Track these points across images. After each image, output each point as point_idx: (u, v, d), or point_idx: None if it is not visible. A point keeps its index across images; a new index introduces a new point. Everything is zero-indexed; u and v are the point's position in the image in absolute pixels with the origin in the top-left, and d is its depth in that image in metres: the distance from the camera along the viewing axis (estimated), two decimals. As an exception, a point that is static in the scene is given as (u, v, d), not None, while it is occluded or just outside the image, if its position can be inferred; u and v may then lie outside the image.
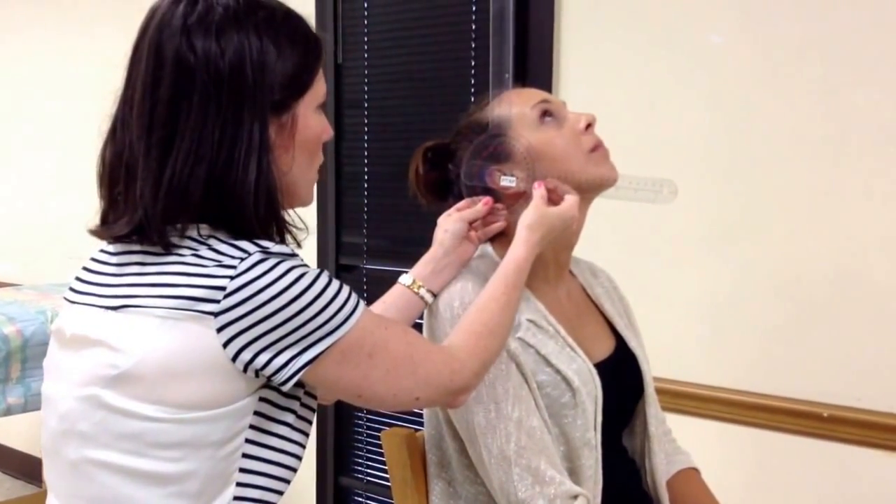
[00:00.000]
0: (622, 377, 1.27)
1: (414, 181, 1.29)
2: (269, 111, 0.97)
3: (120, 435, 0.93)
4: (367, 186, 2.51)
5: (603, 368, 1.21)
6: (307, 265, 0.96)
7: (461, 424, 1.16)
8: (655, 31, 1.88)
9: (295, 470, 1.01)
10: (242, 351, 0.91)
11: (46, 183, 3.41)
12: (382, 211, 2.49)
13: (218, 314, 0.90)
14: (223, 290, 0.90)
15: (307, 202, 1.08)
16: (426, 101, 2.35)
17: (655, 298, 1.84)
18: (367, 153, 2.49)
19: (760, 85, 1.75)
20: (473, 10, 2.19)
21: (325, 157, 2.81)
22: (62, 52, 3.31)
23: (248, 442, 0.96)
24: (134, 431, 0.93)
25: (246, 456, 0.96)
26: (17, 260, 3.57)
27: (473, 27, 2.20)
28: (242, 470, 0.96)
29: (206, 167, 0.94)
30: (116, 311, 0.95)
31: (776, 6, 1.73)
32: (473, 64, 2.21)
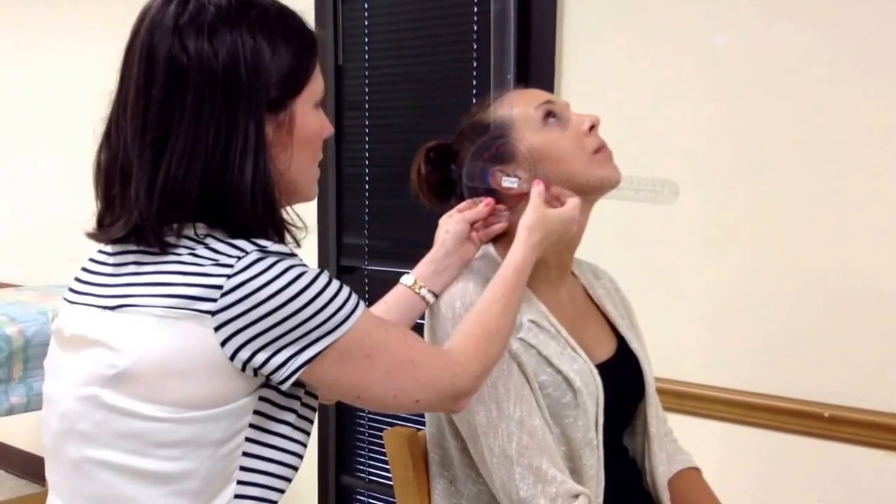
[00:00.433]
0: (623, 378, 1.27)
1: (416, 181, 1.28)
2: (264, 110, 0.96)
3: (120, 434, 0.93)
4: (367, 188, 2.50)
5: (604, 369, 1.21)
6: (306, 264, 0.95)
7: (463, 424, 1.16)
8: (657, 32, 1.88)
9: (296, 468, 1.01)
10: (240, 350, 0.90)
11: (47, 184, 3.41)
12: (383, 212, 2.49)
13: (215, 313, 0.90)
14: (220, 288, 0.90)
15: (310, 198, 1.07)
16: (427, 102, 2.35)
17: (657, 299, 1.84)
18: (367, 155, 2.49)
19: (761, 86, 1.75)
20: (475, 11, 2.19)
21: (325, 159, 2.81)
22: (65, 52, 3.31)
23: (248, 441, 0.95)
24: (134, 431, 0.93)
25: (247, 455, 0.96)
26: (18, 261, 3.57)
27: (475, 28, 2.19)
28: (244, 468, 0.96)
29: (200, 168, 0.93)
30: (114, 310, 0.95)
31: (778, 8, 1.73)
32: (475, 65, 2.21)
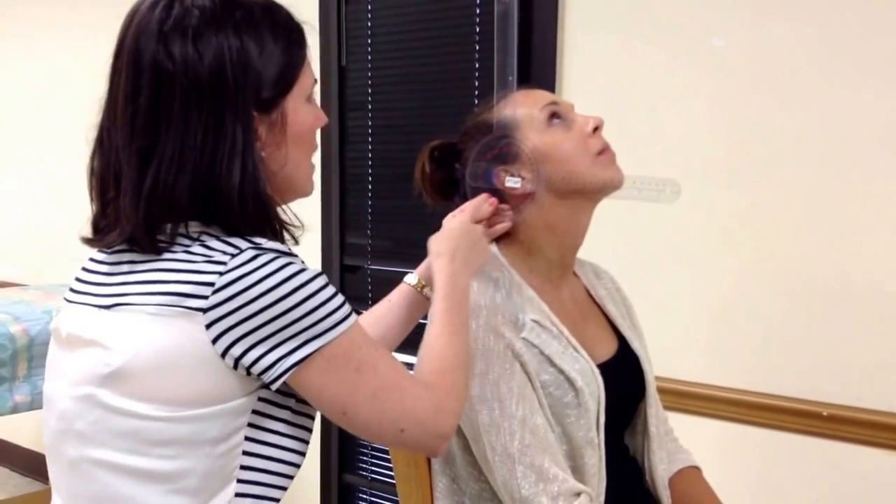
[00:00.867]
0: (624, 377, 1.27)
1: (420, 179, 1.28)
2: (253, 111, 0.95)
3: (116, 433, 0.93)
4: (370, 188, 2.51)
5: (606, 369, 1.21)
6: (303, 263, 0.94)
7: (466, 423, 1.16)
8: (657, 34, 1.88)
9: (298, 466, 1.00)
10: (231, 347, 0.90)
11: (52, 184, 3.42)
12: (386, 212, 2.50)
13: (206, 310, 0.89)
14: (212, 286, 0.89)
15: (307, 193, 1.06)
16: (430, 103, 2.35)
17: (658, 299, 1.85)
18: (370, 155, 2.50)
19: (762, 87, 1.76)
20: (477, 12, 2.19)
21: (329, 159, 2.80)
22: (70, 54, 3.31)
23: (247, 440, 0.95)
24: (130, 429, 0.92)
25: (247, 454, 0.95)
26: (23, 261, 3.56)
27: (477, 30, 2.20)
28: (244, 467, 0.95)
29: (189, 174, 0.92)
30: (109, 309, 0.95)
31: (778, 10, 1.73)
32: (477, 66, 2.21)
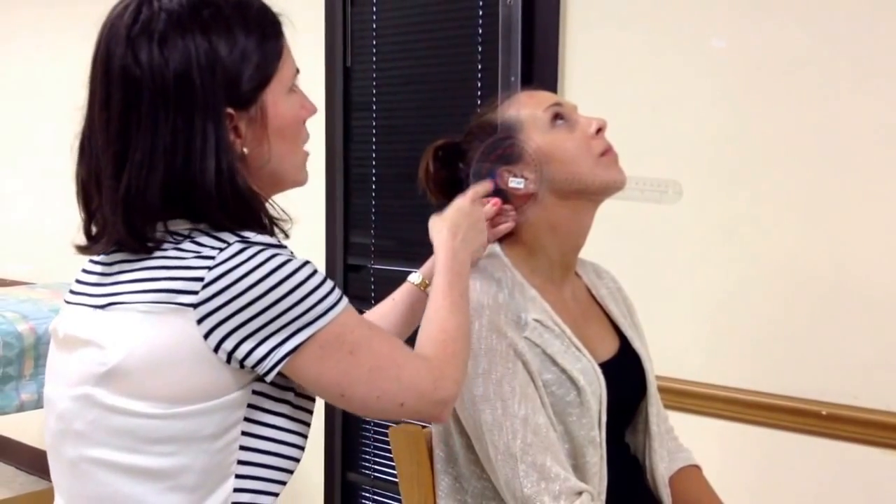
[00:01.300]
0: (626, 376, 1.28)
1: (424, 179, 1.29)
2: (227, 108, 0.94)
3: (114, 432, 0.93)
4: (374, 188, 2.52)
5: (607, 368, 1.21)
6: (291, 254, 0.94)
7: (468, 421, 1.17)
8: (658, 34, 1.89)
9: (297, 460, 1.00)
10: (223, 341, 0.90)
11: (60, 183, 3.42)
12: (390, 212, 2.50)
13: (197, 305, 0.89)
14: (201, 280, 0.89)
15: (300, 182, 1.06)
16: (433, 103, 2.36)
17: (658, 299, 1.85)
18: (374, 155, 2.51)
19: (762, 88, 1.76)
20: (480, 14, 2.20)
21: (333, 159, 2.80)
22: (75, 54, 3.33)
23: (244, 434, 0.95)
24: (127, 428, 0.92)
25: (244, 448, 0.95)
26: (30, 259, 3.56)
27: (480, 31, 2.21)
28: (242, 462, 0.95)
29: (161, 174, 0.92)
30: (104, 309, 0.95)
31: (777, 11, 1.74)
32: (480, 67, 2.22)
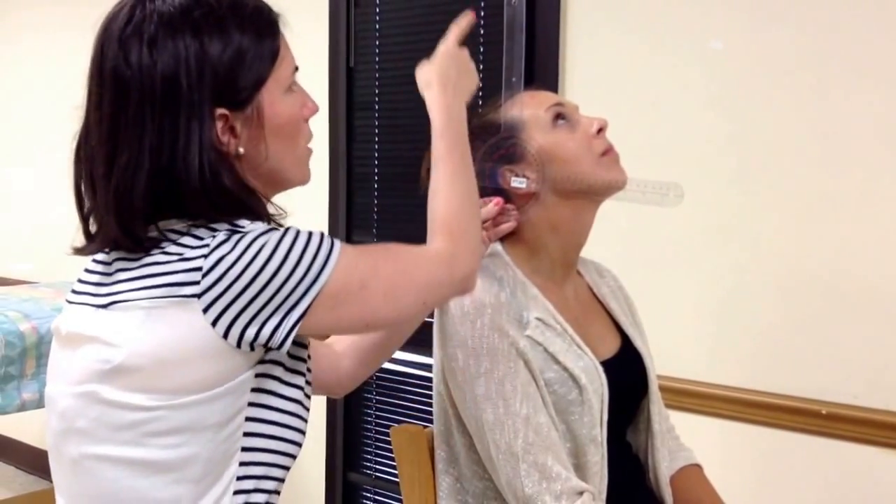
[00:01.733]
0: (627, 375, 1.28)
1: (426, 179, 1.25)
2: (215, 108, 0.94)
3: (117, 427, 0.93)
4: (377, 187, 2.52)
5: (609, 366, 1.22)
6: (277, 229, 0.94)
7: (470, 421, 1.17)
8: (658, 36, 1.90)
9: (299, 445, 1.00)
10: (231, 326, 0.90)
11: (63, 182, 3.43)
12: (392, 211, 2.51)
13: (201, 295, 0.89)
14: (200, 270, 0.90)
15: (301, 181, 1.06)
16: (436, 104, 2.38)
17: (658, 298, 1.85)
18: (377, 155, 2.51)
19: (761, 88, 1.77)
20: (482, 15, 2.20)
21: (336, 158, 2.81)
22: (76, 54, 3.34)
23: (248, 420, 0.95)
24: (131, 422, 0.92)
25: (248, 434, 0.95)
26: (33, 258, 3.57)
27: (481, 32, 2.21)
28: (245, 448, 0.95)
29: (146, 174, 0.92)
30: (106, 308, 0.95)
31: (777, 11, 1.75)
32: (482, 67, 2.22)
